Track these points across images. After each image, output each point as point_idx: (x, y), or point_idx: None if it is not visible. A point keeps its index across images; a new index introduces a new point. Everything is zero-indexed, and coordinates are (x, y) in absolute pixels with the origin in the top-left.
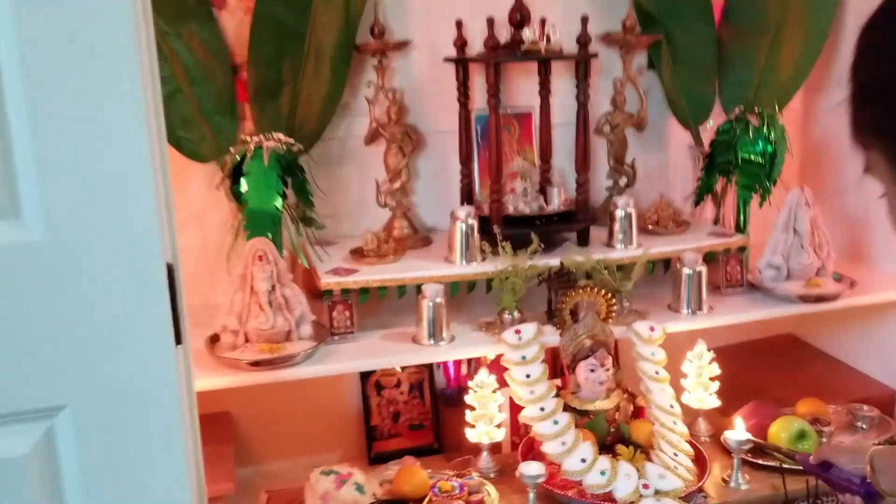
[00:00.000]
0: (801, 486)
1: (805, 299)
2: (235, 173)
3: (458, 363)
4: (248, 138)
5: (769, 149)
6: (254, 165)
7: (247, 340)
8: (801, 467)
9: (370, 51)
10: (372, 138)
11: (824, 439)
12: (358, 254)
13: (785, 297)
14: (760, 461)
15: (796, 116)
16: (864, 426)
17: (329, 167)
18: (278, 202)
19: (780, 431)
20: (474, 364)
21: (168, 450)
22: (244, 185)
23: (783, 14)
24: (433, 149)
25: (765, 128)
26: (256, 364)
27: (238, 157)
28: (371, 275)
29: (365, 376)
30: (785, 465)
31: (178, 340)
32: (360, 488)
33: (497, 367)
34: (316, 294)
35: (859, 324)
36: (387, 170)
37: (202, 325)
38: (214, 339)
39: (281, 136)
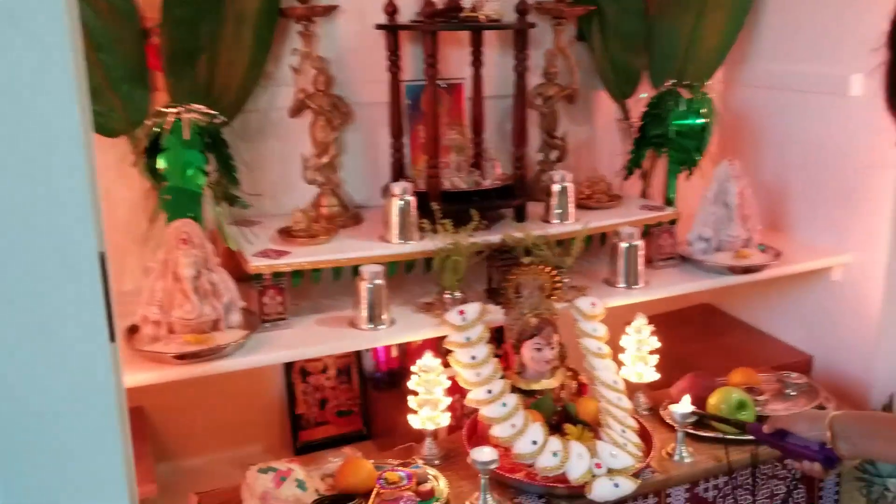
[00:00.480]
0: (742, 455)
1: (734, 270)
2: (152, 148)
3: (387, 346)
4: (166, 109)
5: (699, 122)
6: (173, 139)
7: (170, 332)
8: (744, 437)
9: (295, 16)
10: (297, 110)
11: (759, 408)
12: (286, 234)
13: (715, 268)
14: (702, 433)
15: (716, 89)
16: (792, 393)
17: (249, 141)
18: (201, 180)
19: (720, 403)
20: (405, 346)
21: (106, 457)
22: (163, 162)
23: None
24: (361, 121)
25: (696, 100)
26: (183, 357)
27: (156, 131)
28: (304, 256)
29: (289, 363)
30: (728, 437)
31: (112, 337)
32: (301, 485)
33: (430, 346)
34: (240, 278)
35: (775, 292)
36: (314, 144)
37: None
38: (133, 331)
39: (201, 107)
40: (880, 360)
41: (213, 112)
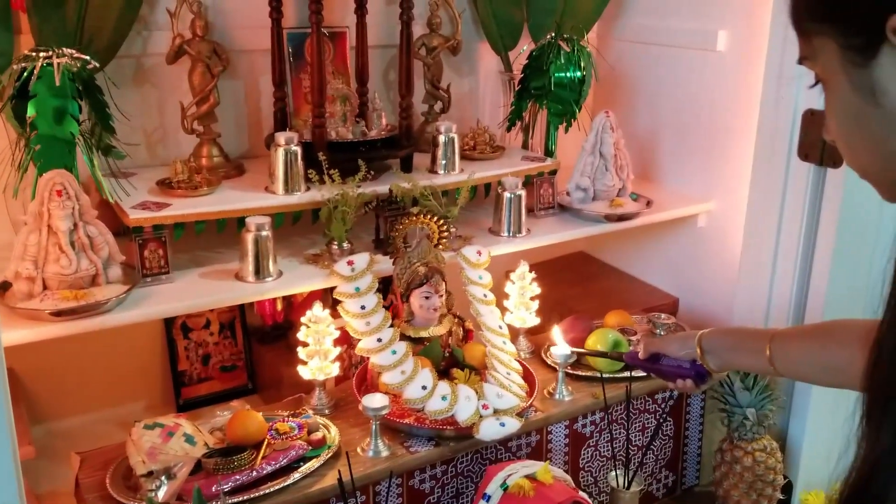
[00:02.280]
0: (618, 391)
1: (610, 218)
2: (20, 95)
3: (273, 299)
4: (34, 53)
5: (578, 74)
6: (43, 85)
7: (45, 287)
8: (619, 375)
9: None
10: (176, 56)
11: (632, 347)
12: (166, 186)
13: (592, 217)
14: (581, 373)
15: (593, 43)
16: (661, 332)
17: (123, 89)
18: (74, 128)
19: (597, 343)
20: (290, 300)
21: None
22: (32, 109)
23: None
24: (241, 70)
25: (574, 53)
26: (60, 314)
27: (25, 75)
28: (186, 208)
29: (170, 319)
30: (605, 375)
31: None
32: (190, 439)
33: (316, 299)
34: (118, 232)
35: (645, 239)
36: (193, 92)
37: None
38: (3, 288)
39: (73, 51)
40: (739, 300)
41: (85, 57)
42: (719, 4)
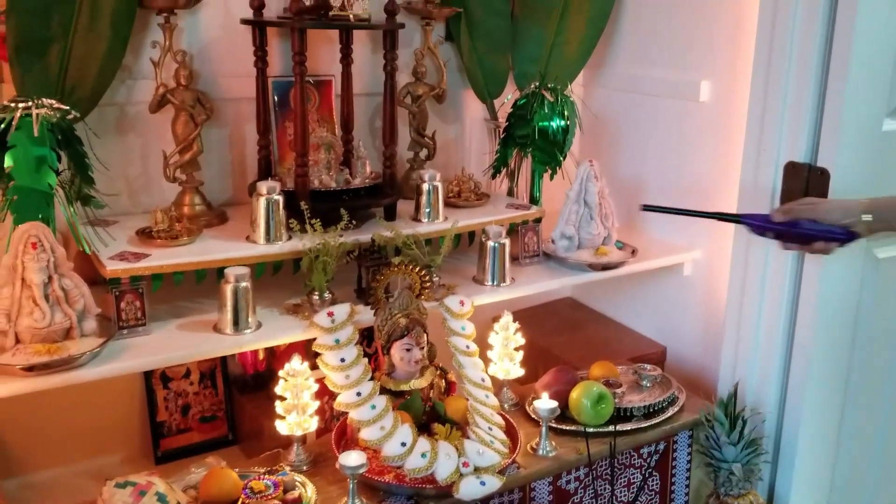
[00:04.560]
0: (602, 446)
1: (594, 267)
2: None
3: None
4: (13, 104)
5: (562, 123)
6: (21, 136)
7: (18, 341)
8: (605, 430)
9: (155, 7)
10: (158, 105)
11: (617, 401)
12: (146, 235)
13: (577, 265)
14: (564, 427)
15: (578, 91)
16: (648, 384)
17: (105, 137)
18: (52, 179)
19: (581, 396)
20: (273, 348)
21: None
22: (9, 160)
23: None
24: (227, 118)
25: (558, 103)
26: (32, 369)
27: (3, 126)
28: (165, 259)
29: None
30: (589, 430)
31: None
32: (162, 498)
33: (298, 348)
34: (96, 282)
35: (632, 286)
36: (175, 140)
37: None
38: None
39: (53, 101)
40: (725, 350)
41: (65, 107)
42: (702, 55)
